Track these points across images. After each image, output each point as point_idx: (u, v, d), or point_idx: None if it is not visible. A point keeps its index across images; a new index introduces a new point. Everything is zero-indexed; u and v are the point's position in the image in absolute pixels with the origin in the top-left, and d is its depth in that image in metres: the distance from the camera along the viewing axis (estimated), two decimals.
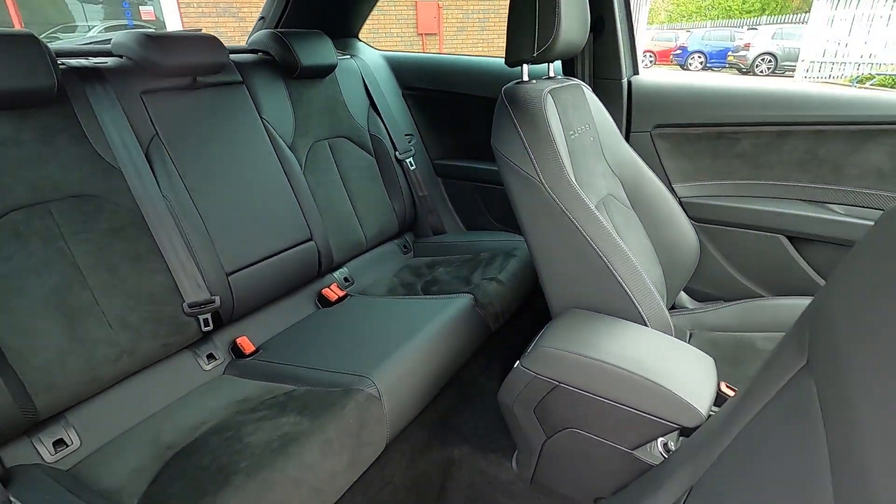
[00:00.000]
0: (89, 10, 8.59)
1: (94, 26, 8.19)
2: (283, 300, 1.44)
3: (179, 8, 7.78)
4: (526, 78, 1.11)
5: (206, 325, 1.20)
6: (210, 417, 1.04)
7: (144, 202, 1.12)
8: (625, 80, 1.45)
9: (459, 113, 1.86)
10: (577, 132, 1.12)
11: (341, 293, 1.52)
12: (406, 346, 1.13)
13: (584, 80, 1.45)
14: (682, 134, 1.44)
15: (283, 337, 1.34)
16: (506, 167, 1.03)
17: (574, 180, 0.99)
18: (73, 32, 8.06)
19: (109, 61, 1.18)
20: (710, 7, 20.94)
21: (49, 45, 1.02)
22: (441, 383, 1.18)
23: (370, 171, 1.74)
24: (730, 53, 13.31)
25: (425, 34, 9.68)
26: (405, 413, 1.05)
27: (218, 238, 1.24)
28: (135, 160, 1.12)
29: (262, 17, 1.77)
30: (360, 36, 1.94)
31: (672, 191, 1.46)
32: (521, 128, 1.00)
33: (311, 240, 1.46)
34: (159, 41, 1.19)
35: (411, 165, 1.83)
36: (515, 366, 0.93)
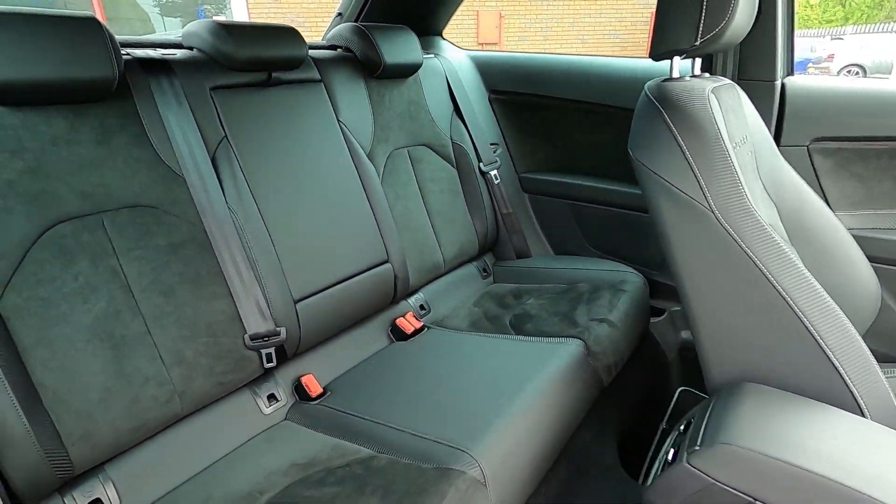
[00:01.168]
0: (169, 23, 9.07)
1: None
2: (352, 330, 1.25)
3: (249, 17, 8.03)
4: (676, 74, 0.87)
5: (269, 360, 1.02)
6: (267, 486, 0.84)
7: (208, 215, 0.96)
8: (778, 82, 1.17)
9: (554, 120, 1.63)
10: (737, 144, 0.87)
11: (418, 324, 1.32)
12: (511, 409, 0.90)
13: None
14: (853, 150, 1.14)
15: (354, 376, 1.14)
16: (654, 185, 0.79)
17: (756, 209, 0.74)
18: None
19: (178, 53, 1.04)
20: None
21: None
22: (553, 457, 0.94)
23: (451, 184, 1.53)
24: (810, 65, 12.38)
25: (485, 44, 9.53)
26: (514, 502, 0.82)
27: (287, 258, 1.06)
28: (200, 166, 0.96)
29: (339, 14, 1.61)
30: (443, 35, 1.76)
31: None
32: (682, 136, 0.76)
33: (387, 262, 1.26)
34: (234, 30, 1.03)
35: (496, 179, 1.61)
36: (678, 462, 0.68)
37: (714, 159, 0.74)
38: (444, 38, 1.73)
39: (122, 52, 0.95)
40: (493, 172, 1.61)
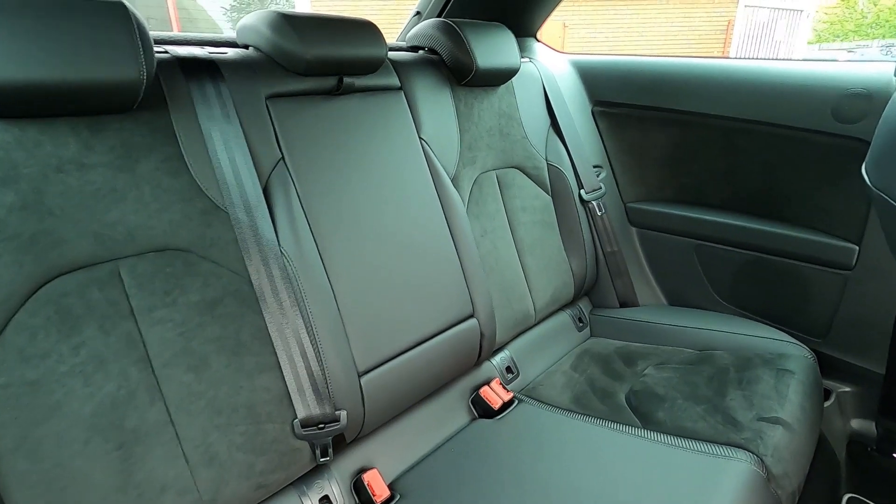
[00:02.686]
0: None
1: None
2: (425, 403, 0.99)
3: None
4: None
5: (325, 454, 0.77)
6: None
7: (256, 260, 0.73)
8: None
9: (676, 138, 1.31)
10: None
11: (507, 396, 1.04)
12: None
13: None
14: None
15: (429, 471, 0.88)
16: None
17: None
18: None
19: (230, 52, 0.82)
20: (873, 25, 18.13)
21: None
22: None
23: (545, 215, 1.25)
24: None
25: None
26: None
27: (352, 318, 0.82)
28: (248, 197, 0.74)
29: (417, 13, 1.37)
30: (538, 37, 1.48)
31: None
32: None
33: (472, 316, 1.00)
34: (300, 24, 0.81)
35: (599, 210, 1.32)
36: None
37: None
38: (539, 41, 1.46)
39: (157, 48, 0.74)
40: (597, 202, 1.31)
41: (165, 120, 0.69)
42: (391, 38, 1.19)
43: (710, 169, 1.28)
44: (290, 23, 0.81)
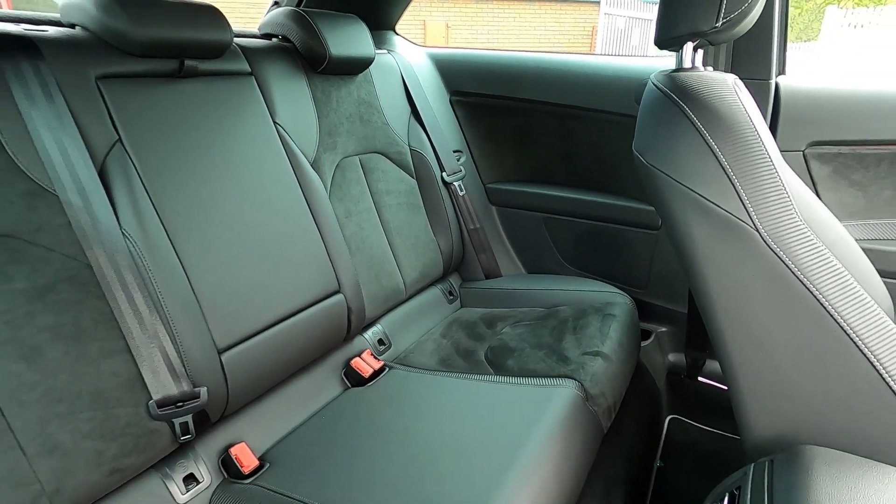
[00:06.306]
0: None
1: None
2: (296, 379, 1.02)
3: None
4: (688, 64, 0.72)
5: (186, 431, 0.78)
6: None
7: (94, 244, 0.71)
8: (773, 82, 1.06)
9: (524, 125, 1.47)
10: None
11: (377, 364, 1.10)
12: (507, 483, 0.71)
13: None
14: (851, 155, 1.05)
15: (300, 440, 0.91)
16: (675, 195, 0.64)
17: (810, 227, 0.59)
18: None
19: (52, 30, 0.79)
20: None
21: None
22: None
23: (411, 197, 1.34)
24: None
25: None
26: None
27: (207, 296, 0.83)
28: (81, 179, 0.72)
29: (275, 2, 1.38)
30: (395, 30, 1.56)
31: None
32: (714, 137, 0.61)
33: (339, 291, 1.05)
34: (132, 4, 0.80)
35: (461, 190, 1.43)
36: None
37: (756, 165, 0.59)
38: (397, 34, 1.54)
39: None
40: (458, 183, 1.43)
41: None
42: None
43: (552, 150, 1.45)
44: (120, 2, 0.79)
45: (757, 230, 0.59)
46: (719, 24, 0.64)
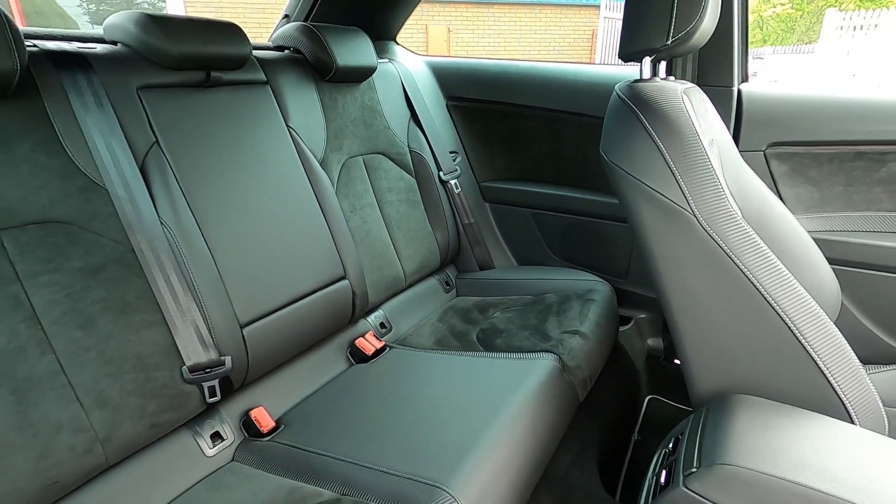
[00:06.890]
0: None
1: None
2: (307, 355, 1.14)
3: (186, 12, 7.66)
4: (647, 75, 0.84)
5: (213, 394, 0.90)
6: None
7: (136, 231, 0.83)
8: (735, 88, 1.18)
9: (514, 128, 1.59)
10: (707, 147, 0.85)
11: (379, 344, 1.22)
12: (487, 435, 0.83)
13: None
14: (807, 154, 1.17)
15: (311, 406, 1.03)
16: (632, 189, 0.75)
17: (740, 213, 0.71)
18: None
19: (99, 48, 0.91)
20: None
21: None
22: (534, 484, 0.87)
23: (410, 194, 1.46)
24: None
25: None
26: None
27: (231, 278, 0.95)
28: (126, 175, 0.84)
29: (286, 15, 1.51)
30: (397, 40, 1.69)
31: None
32: (660, 138, 0.73)
33: (344, 278, 1.17)
34: (166, 24, 0.92)
35: (456, 188, 1.55)
36: (674, 486, 0.62)
37: (694, 161, 0.71)
38: (398, 44, 1.67)
39: (28, 43, 0.82)
40: (454, 182, 1.55)
41: (39, 107, 0.78)
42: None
43: (541, 151, 1.57)
44: (156, 22, 0.92)
45: (695, 215, 0.70)
46: (669, 41, 0.76)
